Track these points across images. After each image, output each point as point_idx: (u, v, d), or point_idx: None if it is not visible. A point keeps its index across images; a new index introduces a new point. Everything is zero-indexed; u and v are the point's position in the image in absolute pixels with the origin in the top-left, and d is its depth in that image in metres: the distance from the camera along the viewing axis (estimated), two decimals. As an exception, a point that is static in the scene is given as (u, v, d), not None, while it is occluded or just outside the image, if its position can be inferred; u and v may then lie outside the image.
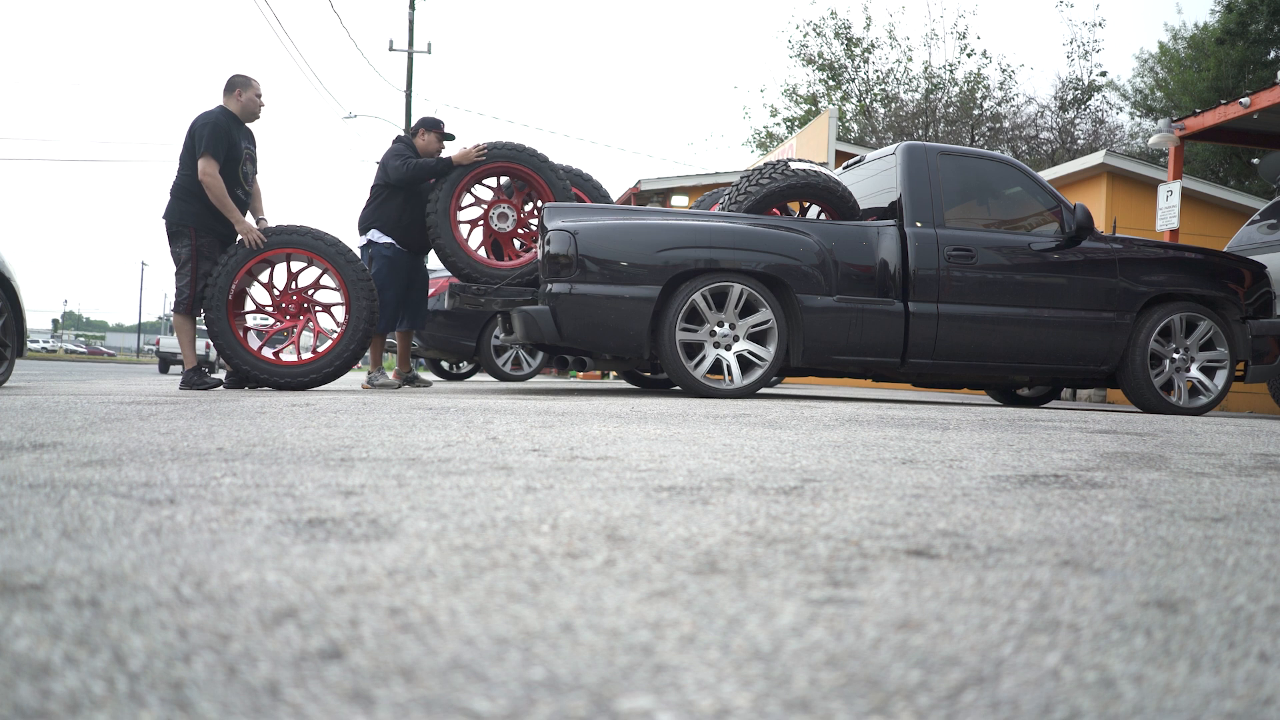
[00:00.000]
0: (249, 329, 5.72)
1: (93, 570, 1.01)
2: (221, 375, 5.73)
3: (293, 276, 5.73)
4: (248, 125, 5.68)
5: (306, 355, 5.61)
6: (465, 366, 11.09)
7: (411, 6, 26.54)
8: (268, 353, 5.63)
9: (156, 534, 1.22)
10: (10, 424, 2.64)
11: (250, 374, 5.40)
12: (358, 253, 5.89)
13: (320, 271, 5.71)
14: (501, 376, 9.40)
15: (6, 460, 1.90)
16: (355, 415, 3.13)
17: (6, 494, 1.50)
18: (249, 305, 5.71)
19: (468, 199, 6.21)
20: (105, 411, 3.19)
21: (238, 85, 5.61)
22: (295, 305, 5.75)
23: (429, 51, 26.77)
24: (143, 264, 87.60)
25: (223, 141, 5.39)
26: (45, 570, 1.01)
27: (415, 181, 6.18)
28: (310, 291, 5.77)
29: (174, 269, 5.49)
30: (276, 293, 5.72)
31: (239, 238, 5.47)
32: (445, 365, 11.10)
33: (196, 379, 5.51)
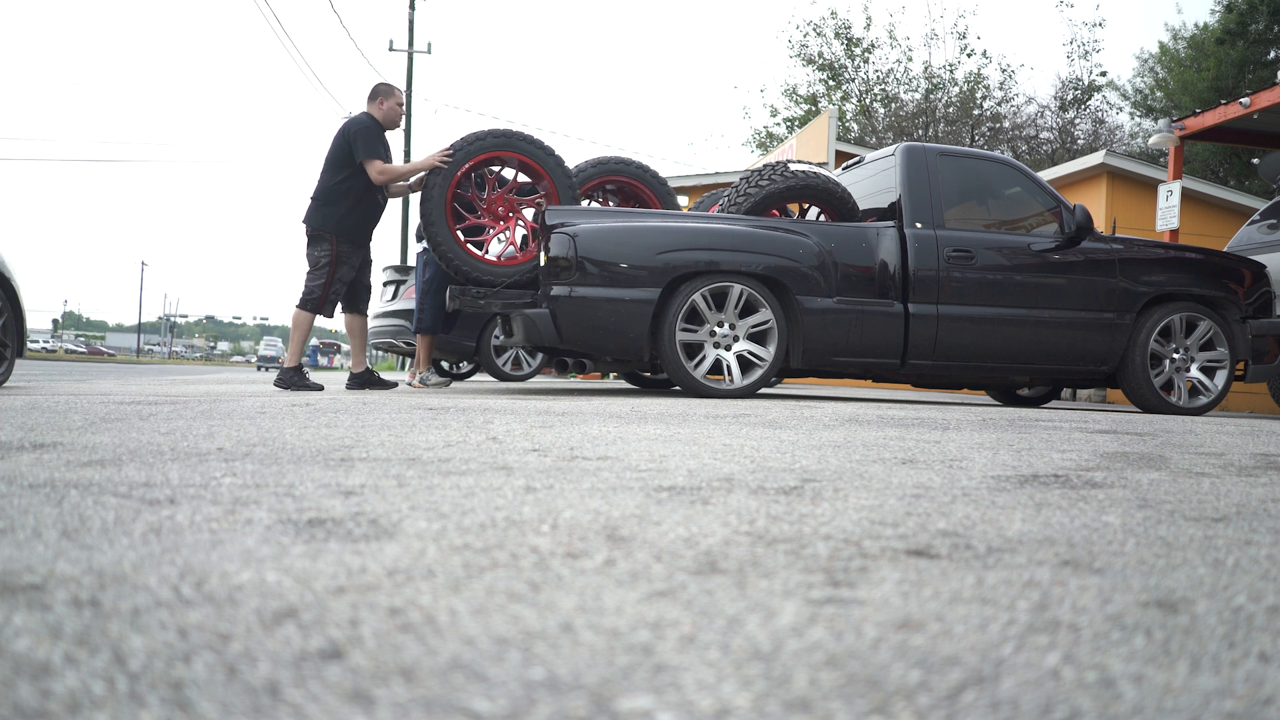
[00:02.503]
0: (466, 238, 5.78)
1: (93, 570, 1.01)
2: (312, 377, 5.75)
3: (498, 181, 5.73)
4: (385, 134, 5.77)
5: (510, 256, 5.64)
6: (465, 367, 11.09)
7: (411, 6, 26.55)
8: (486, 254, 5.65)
9: (156, 534, 1.21)
10: (10, 424, 2.64)
11: (470, 276, 5.40)
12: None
13: (528, 177, 5.70)
14: (501, 377, 9.40)
15: (6, 460, 1.90)
16: (355, 415, 3.13)
17: (6, 494, 1.50)
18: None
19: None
20: (105, 411, 3.18)
21: (380, 94, 5.72)
22: (504, 208, 5.75)
23: (429, 51, 26.79)
24: (142, 264, 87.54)
25: (377, 144, 5.54)
26: (45, 570, 1.01)
27: None
28: (512, 194, 5.76)
29: (308, 269, 5.59)
30: (488, 195, 5.72)
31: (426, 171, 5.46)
32: (445, 365, 11.10)
33: (297, 378, 5.54)
